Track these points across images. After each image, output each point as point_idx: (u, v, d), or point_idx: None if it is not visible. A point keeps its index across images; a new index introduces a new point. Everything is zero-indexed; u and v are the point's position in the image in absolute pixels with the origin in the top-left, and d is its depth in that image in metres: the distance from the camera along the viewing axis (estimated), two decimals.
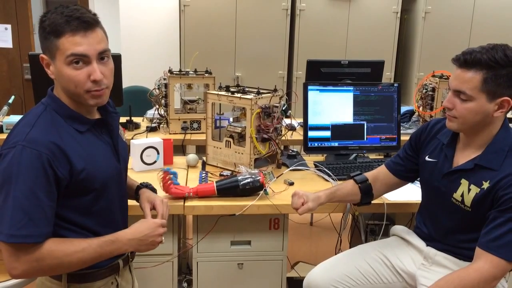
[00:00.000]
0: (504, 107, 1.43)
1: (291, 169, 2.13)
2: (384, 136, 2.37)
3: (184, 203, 1.80)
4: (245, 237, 1.94)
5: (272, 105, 2.10)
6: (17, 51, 4.40)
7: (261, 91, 2.13)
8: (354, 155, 2.35)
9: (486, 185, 1.44)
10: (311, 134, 2.32)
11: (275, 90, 2.16)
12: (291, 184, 2.02)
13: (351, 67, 2.99)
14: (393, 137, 2.38)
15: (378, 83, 2.41)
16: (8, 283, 1.75)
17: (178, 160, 2.33)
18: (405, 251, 1.72)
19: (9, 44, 4.38)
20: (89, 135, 1.26)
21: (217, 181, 1.87)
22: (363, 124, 2.35)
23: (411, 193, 1.94)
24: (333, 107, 2.33)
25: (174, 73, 2.76)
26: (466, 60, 1.41)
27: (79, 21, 1.15)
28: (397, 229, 1.82)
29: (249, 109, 2.04)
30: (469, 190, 1.48)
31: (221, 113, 2.41)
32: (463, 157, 1.54)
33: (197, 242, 1.90)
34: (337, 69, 2.98)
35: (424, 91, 2.93)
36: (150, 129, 2.85)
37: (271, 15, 4.34)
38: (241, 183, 1.83)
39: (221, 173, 2.12)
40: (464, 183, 1.50)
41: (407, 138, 1.80)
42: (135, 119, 2.99)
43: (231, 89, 2.21)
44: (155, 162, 2.18)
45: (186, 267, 2.45)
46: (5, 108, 2.89)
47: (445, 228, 1.59)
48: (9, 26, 4.34)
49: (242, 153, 2.11)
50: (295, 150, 2.42)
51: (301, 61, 4.38)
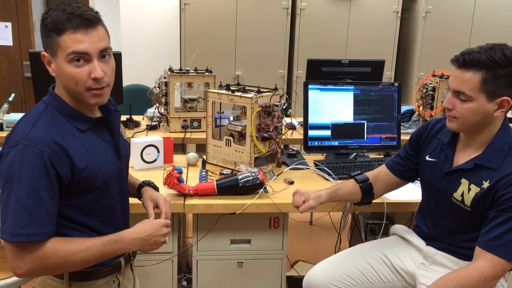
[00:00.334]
0: (504, 106, 1.43)
1: (291, 167, 2.13)
2: (384, 135, 2.37)
3: (184, 201, 1.80)
4: (245, 235, 1.94)
5: (272, 104, 2.10)
6: (17, 49, 4.40)
7: (261, 90, 2.13)
8: (354, 154, 2.35)
9: (486, 184, 1.44)
10: (311, 133, 2.32)
11: (275, 89, 2.16)
12: (291, 183, 2.02)
13: (351, 67, 2.99)
14: (393, 136, 2.38)
15: (379, 83, 2.41)
16: (9, 281, 1.76)
17: (178, 158, 2.33)
18: (405, 251, 1.72)
19: (9, 42, 4.37)
20: (90, 134, 1.25)
21: (217, 180, 1.88)
22: (363, 124, 2.35)
23: (411, 193, 1.94)
24: (333, 106, 2.33)
25: (175, 71, 2.76)
26: (465, 61, 1.41)
27: (80, 18, 1.15)
28: (397, 228, 1.82)
29: (249, 108, 2.04)
30: (469, 189, 1.48)
31: (221, 111, 2.41)
32: (463, 156, 1.54)
33: (197, 241, 1.90)
34: (338, 68, 2.98)
35: (425, 90, 2.93)
36: (150, 128, 2.86)
37: (272, 14, 4.33)
38: (241, 181, 1.83)
39: (221, 171, 2.13)
40: (464, 182, 1.50)
41: (407, 137, 1.81)
42: (136, 117, 2.99)
43: (232, 88, 2.21)
44: (155, 160, 2.18)
45: (185, 265, 2.45)
46: (5, 106, 2.89)
47: (445, 228, 1.60)
48: (9, 24, 4.33)
49: (242, 152, 2.11)
50: (295, 149, 2.42)
51: (301, 60, 4.37)
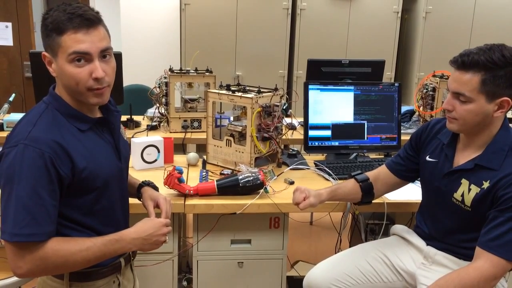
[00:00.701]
0: (504, 107, 1.43)
1: (291, 168, 2.13)
2: (384, 135, 2.37)
3: (184, 201, 1.80)
4: (245, 235, 1.94)
5: (272, 104, 2.10)
6: (17, 49, 4.40)
7: (261, 90, 2.13)
8: (354, 154, 2.35)
9: (486, 184, 1.44)
10: (311, 133, 2.32)
11: (275, 89, 2.16)
12: (292, 183, 2.02)
13: (351, 67, 2.99)
14: (393, 136, 2.38)
15: (379, 83, 2.41)
16: (9, 281, 1.76)
17: (179, 158, 2.33)
18: (405, 251, 1.72)
19: (9, 42, 4.37)
20: (91, 134, 1.25)
21: (217, 180, 1.88)
22: (364, 124, 2.35)
23: (411, 193, 1.94)
24: (333, 106, 2.33)
25: (175, 71, 2.76)
26: (464, 62, 1.41)
27: (81, 18, 1.15)
28: (397, 228, 1.82)
29: (249, 108, 2.04)
30: (469, 190, 1.48)
31: (221, 112, 2.41)
32: (463, 157, 1.54)
33: (198, 241, 1.90)
34: (338, 68, 2.98)
35: (425, 91, 2.93)
36: (151, 128, 2.86)
37: (272, 14, 4.33)
38: (241, 181, 1.83)
39: (222, 171, 2.13)
40: (465, 183, 1.50)
41: (408, 138, 1.81)
42: (136, 117, 2.99)
43: (232, 88, 2.21)
44: (155, 160, 2.18)
45: (186, 265, 2.45)
46: (5, 106, 2.89)
47: (445, 228, 1.60)
48: (9, 24, 4.34)
49: (243, 152, 2.11)
50: (295, 149, 2.42)
51: (301, 61, 4.38)
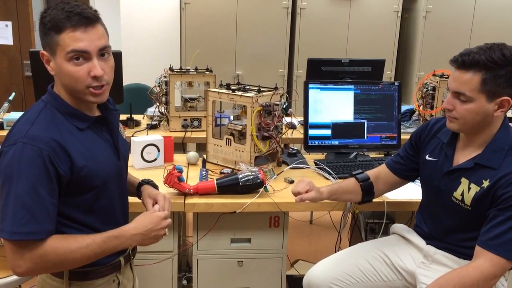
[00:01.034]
0: (504, 106, 1.43)
1: (291, 167, 2.13)
2: (384, 135, 2.37)
3: (184, 200, 1.80)
4: (245, 234, 1.94)
5: (272, 103, 2.10)
6: (17, 48, 4.40)
7: (261, 89, 2.13)
8: (354, 153, 2.35)
9: (486, 183, 1.44)
10: (311, 132, 2.32)
11: (275, 88, 2.16)
12: (291, 182, 2.02)
13: (351, 66, 2.99)
14: (393, 136, 2.38)
15: (379, 82, 2.41)
16: (9, 280, 1.76)
17: (179, 157, 2.33)
18: (405, 250, 1.72)
19: (9, 41, 4.37)
20: (89, 132, 1.25)
21: (217, 179, 1.88)
22: (364, 123, 2.35)
23: (411, 192, 1.94)
24: (333, 105, 2.33)
25: (175, 70, 2.76)
26: (464, 62, 1.41)
27: (79, 16, 1.15)
28: (397, 227, 1.82)
29: (249, 107, 2.04)
30: (469, 189, 1.48)
31: (221, 111, 2.41)
32: (463, 156, 1.54)
33: (198, 240, 1.90)
34: (338, 67, 2.98)
35: (425, 90, 2.93)
36: (151, 127, 2.85)
37: (272, 13, 4.33)
38: (241, 180, 1.83)
39: (222, 170, 2.13)
40: (464, 182, 1.50)
41: (408, 137, 1.81)
42: (136, 116, 2.99)
43: (232, 87, 2.21)
44: (155, 159, 2.18)
45: (185, 264, 2.45)
46: (5, 105, 2.89)
47: (445, 227, 1.60)
48: (9, 23, 4.33)
49: (243, 151, 2.11)
50: (295, 148, 2.42)
51: (301, 60, 4.37)
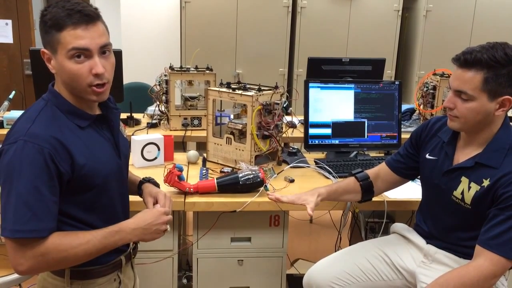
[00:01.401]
0: (506, 105, 1.43)
1: (291, 166, 2.13)
2: (384, 134, 2.37)
3: (184, 199, 1.80)
4: (245, 233, 1.94)
5: (273, 102, 2.10)
6: (17, 46, 4.39)
7: (262, 88, 2.13)
8: (354, 152, 2.35)
9: (486, 183, 1.44)
10: (311, 131, 2.32)
11: (276, 87, 2.16)
12: (292, 181, 2.02)
13: (352, 65, 2.99)
14: (393, 135, 2.38)
15: (379, 81, 2.41)
16: (9, 278, 1.76)
17: (179, 156, 2.33)
18: (405, 249, 1.72)
19: (9, 39, 4.37)
20: (90, 131, 1.25)
21: (217, 177, 1.87)
22: (364, 122, 2.35)
23: (411, 191, 1.94)
24: (334, 104, 2.32)
25: (175, 69, 2.75)
26: (466, 60, 1.41)
27: (80, 14, 1.15)
28: (397, 226, 1.82)
29: (250, 106, 2.04)
30: (469, 188, 1.48)
31: (222, 109, 2.41)
32: (463, 155, 1.54)
33: (198, 239, 1.90)
34: (338, 66, 2.98)
35: (425, 89, 2.93)
36: (151, 126, 2.85)
37: (272, 12, 4.33)
38: (241, 179, 1.83)
39: (222, 169, 2.13)
40: (464, 181, 1.50)
41: (408, 136, 1.80)
42: (136, 115, 2.99)
43: (232, 86, 2.20)
44: (155, 158, 2.18)
45: (185, 263, 2.46)
46: (5, 103, 2.89)
47: (445, 226, 1.60)
48: (9, 22, 4.33)
49: (243, 150, 2.11)
50: (295, 147, 2.42)
51: (302, 59, 4.37)
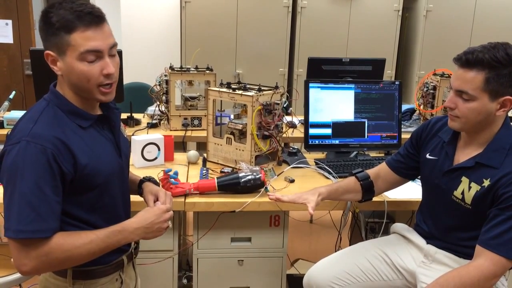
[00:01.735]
0: (507, 106, 1.43)
1: (292, 166, 2.13)
2: (385, 134, 2.37)
3: (184, 199, 1.80)
4: (245, 234, 1.94)
5: (273, 102, 2.10)
6: (17, 46, 4.39)
7: (262, 88, 2.13)
8: (354, 153, 2.35)
9: (486, 183, 1.44)
10: (312, 131, 2.32)
11: (276, 87, 2.16)
12: (292, 181, 2.02)
13: (352, 65, 2.99)
14: (394, 135, 2.38)
15: (379, 81, 2.41)
16: (10, 278, 1.76)
17: (179, 156, 2.33)
18: (405, 249, 1.72)
19: (9, 39, 4.36)
20: (92, 131, 1.26)
21: (218, 177, 1.87)
22: (364, 122, 2.35)
23: (411, 191, 1.94)
24: (334, 104, 2.32)
25: (175, 69, 2.75)
26: (468, 60, 1.41)
27: (91, 16, 1.15)
28: (397, 226, 1.82)
29: (250, 106, 2.04)
30: (469, 188, 1.48)
31: (222, 110, 2.41)
32: (464, 155, 1.54)
33: (198, 239, 1.90)
34: (338, 66, 2.98)
35: (425, 89, 2.93)
36: (151, 126, 2.85)
37: (273, 12, 4.33)
38: (242, 180, 1.83)
39: (222, 169, 2.13)
40: (465, 180, 1.50)
41: (408, 136, 1.81)
42: (136, 115, 2.99)
43: (232, 86, 2.20)
44: (156, 158, 2.18)
45: (186, 263, 2.46)
46: (5, 103, 2.89)
47: (445, 226, 1.60)
48: (9, 22, 4.33)
49: (243, 150, 2.11)
50: (295, 147, 2.42)
51: (302, 59, 4.37)
